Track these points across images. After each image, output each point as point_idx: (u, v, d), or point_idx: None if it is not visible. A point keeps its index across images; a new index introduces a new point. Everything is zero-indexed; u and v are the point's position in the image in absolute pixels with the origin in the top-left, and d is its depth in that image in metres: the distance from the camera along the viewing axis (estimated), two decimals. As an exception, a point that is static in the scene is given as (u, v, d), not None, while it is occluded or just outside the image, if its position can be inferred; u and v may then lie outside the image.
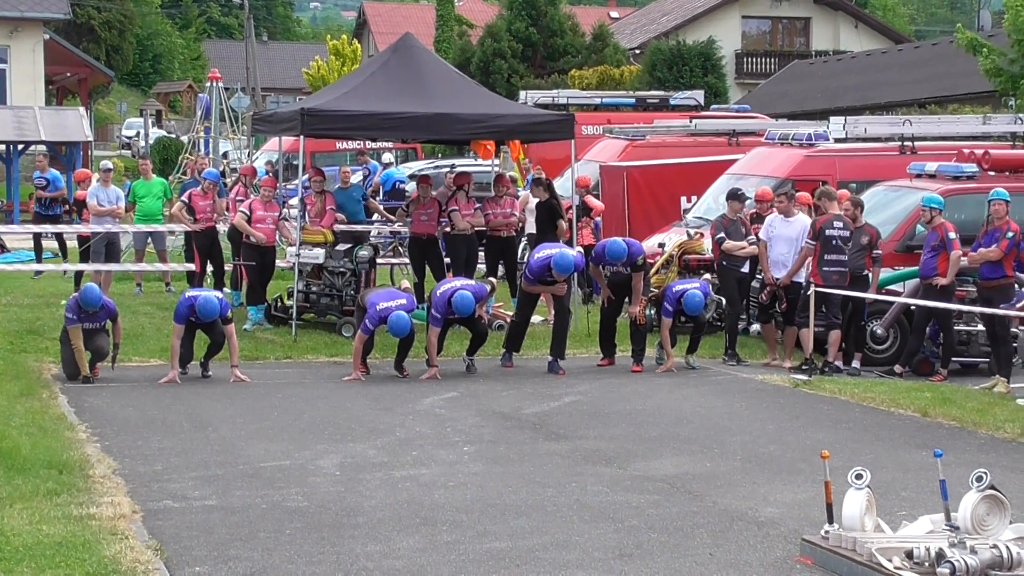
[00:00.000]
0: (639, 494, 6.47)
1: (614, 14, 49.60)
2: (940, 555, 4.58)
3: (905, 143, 12.74)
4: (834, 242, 9.97)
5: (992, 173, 10.98)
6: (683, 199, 12.83)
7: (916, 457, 7.28)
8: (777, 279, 10.34)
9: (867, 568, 4.77)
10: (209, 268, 12.72)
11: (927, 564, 4.67)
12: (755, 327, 10.95)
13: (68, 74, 32.97)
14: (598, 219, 14.10)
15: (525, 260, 12.08)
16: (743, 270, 10.96)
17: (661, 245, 12.03)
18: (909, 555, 4.74)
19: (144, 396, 9.45)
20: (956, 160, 11.53)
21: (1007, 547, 4.76)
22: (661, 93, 23.06)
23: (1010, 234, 9.36)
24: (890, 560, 4.76)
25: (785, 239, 10.38)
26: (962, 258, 9.57)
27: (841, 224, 10.01)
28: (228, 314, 9.24)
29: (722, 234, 10.78)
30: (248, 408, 9.27)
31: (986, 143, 12.93)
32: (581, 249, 11.77)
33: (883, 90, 29.75)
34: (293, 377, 10.51)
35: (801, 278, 10.47)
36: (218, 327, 9.13)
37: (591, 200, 13.62)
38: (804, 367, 10.10)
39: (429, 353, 9.93)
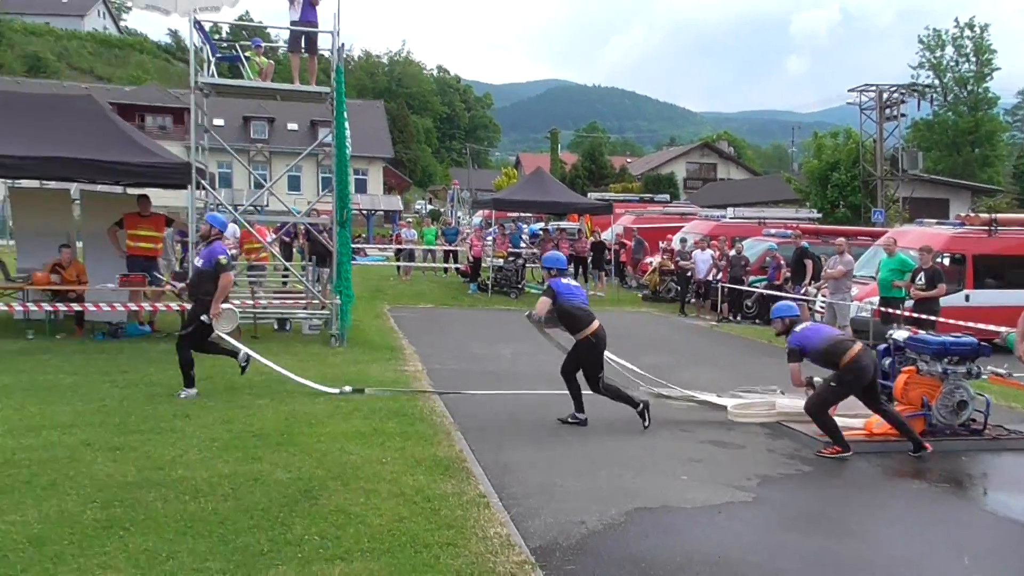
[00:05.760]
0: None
1: (629, 160, 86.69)
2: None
3: (761, 220, 23.10)
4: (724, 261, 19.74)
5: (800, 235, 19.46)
6: (662, 241, 23.28)
7: (759, 361, 12.57)
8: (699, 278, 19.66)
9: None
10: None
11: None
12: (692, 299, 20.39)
13: (392, 180, 63.67)
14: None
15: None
16: (688, 274, 20.49)
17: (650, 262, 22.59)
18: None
19: (422, 320, 16.44)
20: (783, 228, 21.16)
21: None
22: (650, 196, 36.61)
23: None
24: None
25: (702, 260, 19.90)
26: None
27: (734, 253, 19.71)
28: None
29: (679, 256, 20.73)
30: (467, 327, 15.38)
31: (795, 221, 22.89)
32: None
33: (752, 196, 50.12)
34: (488, 316, 17.60)
35: (710, 277, 19.75)
36: None
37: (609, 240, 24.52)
38: (717, 320, 19.37)
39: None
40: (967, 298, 15.53)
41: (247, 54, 14.26)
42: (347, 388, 9.24)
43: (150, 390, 9.02)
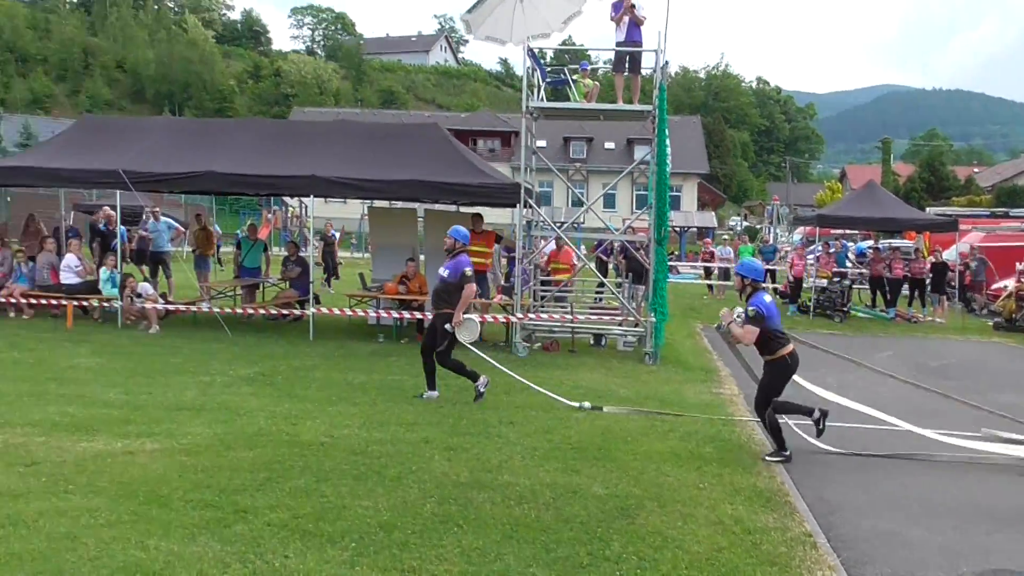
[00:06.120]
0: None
1: (977, 170, 74.38)
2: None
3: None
4: None
5: None
6: (1019, 262, 20.01)
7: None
8: None
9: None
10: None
11: None
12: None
13: (706, 196, 65.17)
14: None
15: None
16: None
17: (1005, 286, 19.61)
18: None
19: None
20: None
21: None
22: (1004, 210, 32.40)
23: None
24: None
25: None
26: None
27: None
28: None
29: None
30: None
31: None
32: None
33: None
34: (808, 340, 16.88)
35: None
36: None
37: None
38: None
39: None
40: None
41: (574, 77, 14.88)
42: (586, 404, 9.30)
43: (479, 395, 9.68)
